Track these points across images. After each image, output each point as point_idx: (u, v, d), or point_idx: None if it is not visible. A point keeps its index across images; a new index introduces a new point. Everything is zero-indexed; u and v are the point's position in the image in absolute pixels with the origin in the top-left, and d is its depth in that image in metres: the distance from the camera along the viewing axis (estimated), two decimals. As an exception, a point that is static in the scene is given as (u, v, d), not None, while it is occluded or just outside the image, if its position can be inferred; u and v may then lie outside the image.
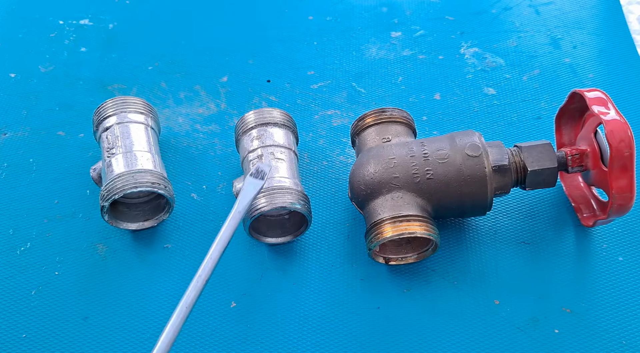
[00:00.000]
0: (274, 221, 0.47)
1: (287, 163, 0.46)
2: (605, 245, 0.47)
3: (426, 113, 0.56)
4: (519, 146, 0.45)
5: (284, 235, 0.46)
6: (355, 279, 0.46)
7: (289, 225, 0.47)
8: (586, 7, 0.65)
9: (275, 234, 0.46)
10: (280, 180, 0.45)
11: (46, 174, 0.51)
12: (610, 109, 0.42)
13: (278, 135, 0.47)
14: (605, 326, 0.43)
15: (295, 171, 0.47)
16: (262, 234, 0.46)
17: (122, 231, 0.48)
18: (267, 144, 0.47)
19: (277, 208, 0.43)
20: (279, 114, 0.48)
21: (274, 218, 0.47)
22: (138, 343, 0.43)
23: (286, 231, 0.46)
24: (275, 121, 0.48)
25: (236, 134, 0.49)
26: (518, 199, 0.49)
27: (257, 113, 0.48)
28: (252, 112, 0.48)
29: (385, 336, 0.43)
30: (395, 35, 0.62)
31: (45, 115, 0.55)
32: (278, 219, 0.47)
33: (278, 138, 0.47)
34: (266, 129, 0.47)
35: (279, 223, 0.47)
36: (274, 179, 0.45)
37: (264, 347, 0.42)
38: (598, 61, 0.60)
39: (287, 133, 0.48)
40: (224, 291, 0.45)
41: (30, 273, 0.46)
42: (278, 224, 0.47)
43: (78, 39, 0.61)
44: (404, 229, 0.42)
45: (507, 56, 0.60)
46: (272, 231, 0.46)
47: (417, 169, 0.43)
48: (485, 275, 0.46)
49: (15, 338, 0.43)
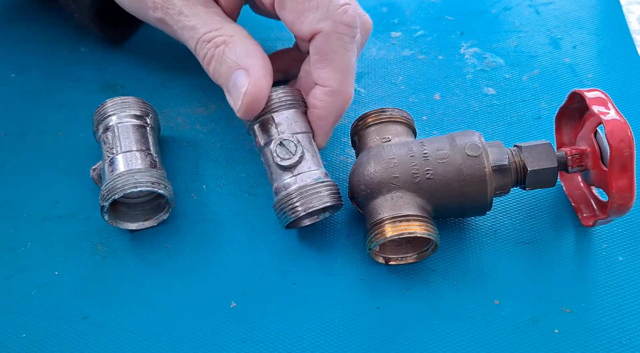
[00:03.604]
0: None
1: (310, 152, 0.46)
2: (605, 245, 0.47)
3: (426, 113, 0.56)
4: (519, 146, 0.45)
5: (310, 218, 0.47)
6: (355, 279, 0.46)
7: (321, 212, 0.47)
8: (586, 7, 0.65)
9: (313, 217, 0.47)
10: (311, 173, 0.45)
11: (46, 174, 0.51)
12: (610, 109, 0.43)
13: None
14: (605, 326, 0.43)
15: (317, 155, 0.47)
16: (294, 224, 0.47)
17: (122, 231, 0.48)
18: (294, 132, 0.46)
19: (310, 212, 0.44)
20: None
21: None
22: (138, 343, 0.43)
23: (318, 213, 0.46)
24: None
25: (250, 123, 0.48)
26: (518, 199, 0.49)
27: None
28: None
29: (385, 336, 0.43)
30: (395, 35, 0.62)
31: (45, 115, 0.55)
32: None
33: None
34: None
35: None
36: (313, 172, 0.45)
37: (264, 347, 0.42)
38: (598, 61, 0.60)
39: None
40: (224, 291, 0.45)
41: (30, 273, 0.46)
42: None
43: (78, 39, 0.61)
44: (403, 229, 0.42)
45: (507, 56, 0.60)
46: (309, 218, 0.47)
47: (417, 169, 0.44)
48: (485, 275, 0.46)
49: (15, 338, 0.43)
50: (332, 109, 0.47)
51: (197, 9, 0.48)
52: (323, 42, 0.45)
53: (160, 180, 0.45)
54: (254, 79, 0.45)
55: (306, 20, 0.45)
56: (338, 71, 0.46)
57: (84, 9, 0.55)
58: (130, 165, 0.45)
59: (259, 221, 0.48)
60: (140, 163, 0.46)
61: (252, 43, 0.47)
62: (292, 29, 0.47)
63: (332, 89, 0.46)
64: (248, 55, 0.46)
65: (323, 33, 0.45)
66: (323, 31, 0.45)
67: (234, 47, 0.46)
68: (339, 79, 0.46)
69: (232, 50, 0.46)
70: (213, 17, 0.48)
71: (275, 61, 0.51)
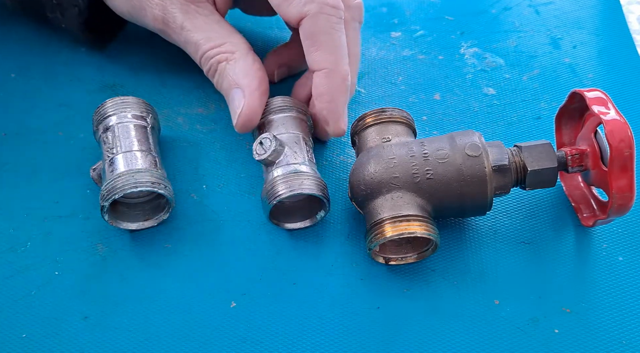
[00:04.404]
0: (294, 206, 0.47)
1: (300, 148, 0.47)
2: (605, 245, 0.47)
3: (426, 113, 0.56)
4: (519, 146, 0.45)
5: (302, 219, 0.47)
6: (355, 279, 0.46)
7: (307, 210, 0.47)
8: (586, 7, 0.65)
9: (294, 219, 0.47)
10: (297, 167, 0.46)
11: (46, 174, 0.51)
12: (610, 109, 0.43)
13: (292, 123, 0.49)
14: (605, 326, 0.43)
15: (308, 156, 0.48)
16: (281, 220, 0.47)
17: (122, 231, 0.48)
18: None
19: (296, 195, 0.44)
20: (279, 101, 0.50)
21: (294, 203, 0.47)
22: (138, 343, 0.43)
23: (305, 216, 0.47)
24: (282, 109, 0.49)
25: None
26: (518, 199, 0.49)
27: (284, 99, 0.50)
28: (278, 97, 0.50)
29: (385, 336, 0.43)
30: (395, 35, 0.62)
31: (45, 115, 0.55)
32: (297, 204, 0.47)
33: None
34: None
35: (298, 208, 0.47)
36: (290, 165, 0.46)
37: (264, 347, 0.42)
38: (598, 61, 0.60)
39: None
40: (224, 291, 0.45)
41: (30, 273, 0.46)
42: (298, 208, 0.47)
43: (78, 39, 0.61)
44: (404, 229, 0.42)
45: (507, 56, 0.60)
46: (291, 217, 0.47)
47: (417, 169, 0.44)
48: (485, 275, 0.46)
49: (15, 338, 0.43)
50: (336, 91, 0.47)
51: (198, 21, 0.50)
52: (311, 25, 0.46)
53: (160, 180, 0.45)
54: (248, 101, 0.48)
55: (293, 3, 0.46)
56: (330, 52, 0.47)
57: (73, 19, 0.55)
58: (130, 165, 0.45)
59: (259, 221, 0.48)
60: (140, 163, 0.46)
61: (251, 59, 0.49)
62: (279, 11, 0.48)
63: (328, 70, 0.47)
64: (245, 74, 0.48)
65: (310, 16, 0.46)
66: (309, 14, 0.46)
67: (235, 65, 0.49)
68: (332, 60, 0.47)
69: (232, 67, 0.49)
70: (215, 29, 0.50)
71: (276, 57, 0.55)
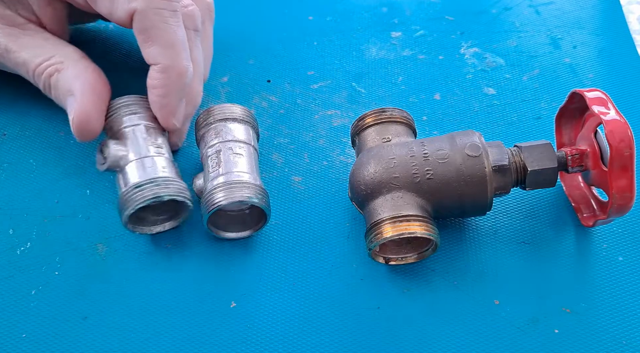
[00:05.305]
0: (234, 216, 0.47)
1: (245, 158, 0.47)
2: (605, 245, 0.47)
3: (426, 113, 0.56)
4: (519, 146, 0.45)
5: (244, 229, 0.47)
6: (355, 279, 0.46)
7: (250, 219, 0.47)
8: (586, 7, 0.65)
9: (235, 229, 0.47)
10: (239, 174, 0.45)
11: (46, 174, 0.51)
12: (610, 109, 0.43)
13: (238, 131, 0.48)
14: (605, 326, 0.43)
15: (255, 166, 0.47)
16: (221, 229, 0.47)
17: (122, 231, 0.48)
18: (226, 140, 0.47)
19: (235, 203, 0.44)
20: (239, 110, 0.49)
21: (235, 213, 0.47)
22: (138, 343, 0.43)
23: (247, 225, 0.47)
24: (234, 117, 0.48)
25: (196, 130, 0.49)
26: (518, 199, 0.49)
27: (216, 109, 0.49)
28: (212, 107, 0.49)
29: (385, 336, 0.43)
30: (395, 36, 0.62)
31: (45, 115, 0.55)
32: (239, 214, 0.47)
33: (238, 134, 0.48)
34: (225, 125, 0.48)
35: (240, 217, 0.47)
36: (233, 173, 0.45)
37: (264, 347, 0.42)
38: (598, 61, 0.60)
39: (247, 129, 0.49)
40: (224, 291, 0.45)
41: (30, 273, 0.46)
42: (238, 218, 0.47)
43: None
44: (404, 229, 0.42)
45: (507, 56, 0.60)
46: (232, 226, 0.47)
47: (417, 169, 0.44)
48: (485, 275, 0.46)
49: (15, 338, 0.43)
50: (170, 87, 0.46)
51: (23, 40, 0.47)
52: (141, 20, 0.45)
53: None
54: (80, 104, 0.45)
55: (119, 3, 0.45)
56: (165, 47, 0.45)
57: None
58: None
59: (259, 221, 0.48)
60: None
61: (83, 66, 0.47)
62: (112, 19, 0.46)
63: (163, 65, 0.45)
64: (76, 78, 0.46)
65: (138, 11, 0.44)
66: (137, 9, 0.44)
67: (65, 73, 0.46)
68: (168, 55, 0.45)
69: (63, 76, 0.46)
70: (41, 44, 0.48)
71: None
